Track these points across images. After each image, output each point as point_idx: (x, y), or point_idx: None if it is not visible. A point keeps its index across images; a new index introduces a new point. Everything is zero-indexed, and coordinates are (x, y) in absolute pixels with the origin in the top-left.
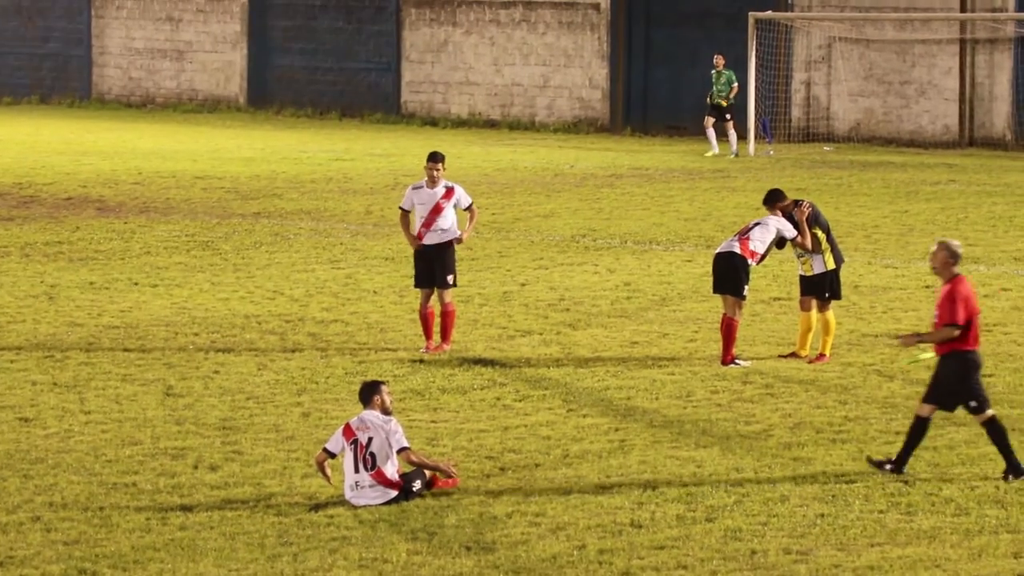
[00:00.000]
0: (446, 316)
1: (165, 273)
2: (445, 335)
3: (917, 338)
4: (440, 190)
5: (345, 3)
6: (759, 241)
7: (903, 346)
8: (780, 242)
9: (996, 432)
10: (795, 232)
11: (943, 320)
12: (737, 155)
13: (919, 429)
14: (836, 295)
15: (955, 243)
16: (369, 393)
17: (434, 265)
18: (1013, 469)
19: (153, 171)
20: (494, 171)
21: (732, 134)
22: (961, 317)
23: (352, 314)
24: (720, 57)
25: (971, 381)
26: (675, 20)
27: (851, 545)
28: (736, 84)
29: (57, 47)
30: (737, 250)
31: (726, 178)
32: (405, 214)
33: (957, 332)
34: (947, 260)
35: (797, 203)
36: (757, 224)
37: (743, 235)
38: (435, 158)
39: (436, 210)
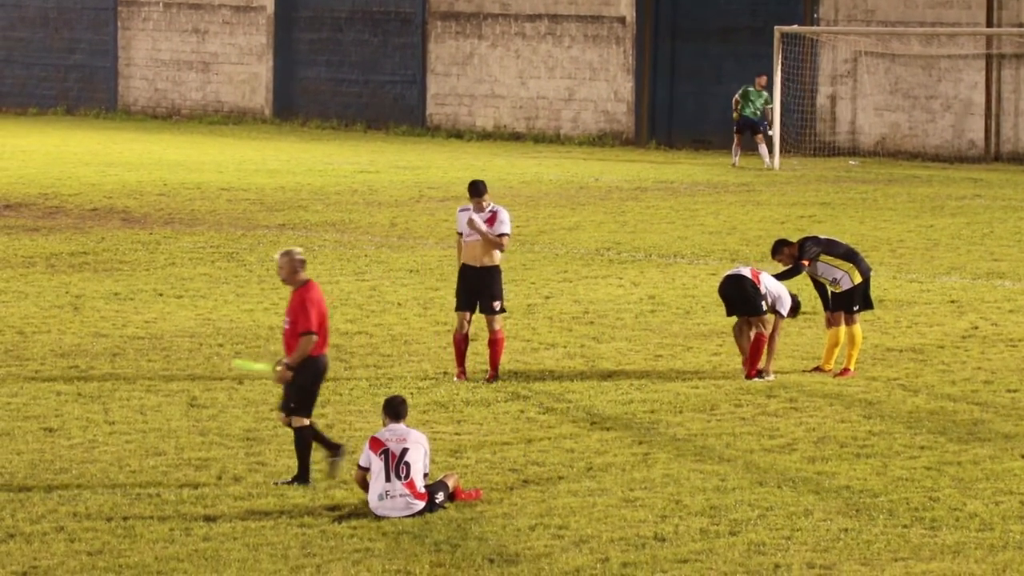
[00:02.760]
0: (495, 344)
1: (190, 284)
2: (494, 364)
3: (288, 368)
4: (486, 214)
5: (371, 16)
6: (768, 280)
7: (279, 382)
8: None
9: (302, 441)
10: (786, 312)
11: (298, 328)
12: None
13: (303, 439)
14: (867, 306)
15: (298, 250)
16: (403, 407)
17: (480, 290)
18: (301, 477)
19: (178, 182)
20: (519, 184)
21: (763, 147)
22: (315, 323)
23: (376, 326)
24: (763, 77)
25: (316, 386)
26: (701, 34)
27: (875, 560)
28: (770, 106)
29: (83, 58)
30: (747, 274)
31: (751, 192)
32: (461, 237)
33: (316, 338)
34: (294, 267)
35: (802, 246)
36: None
37: (759, 271)
38: (476, 192)
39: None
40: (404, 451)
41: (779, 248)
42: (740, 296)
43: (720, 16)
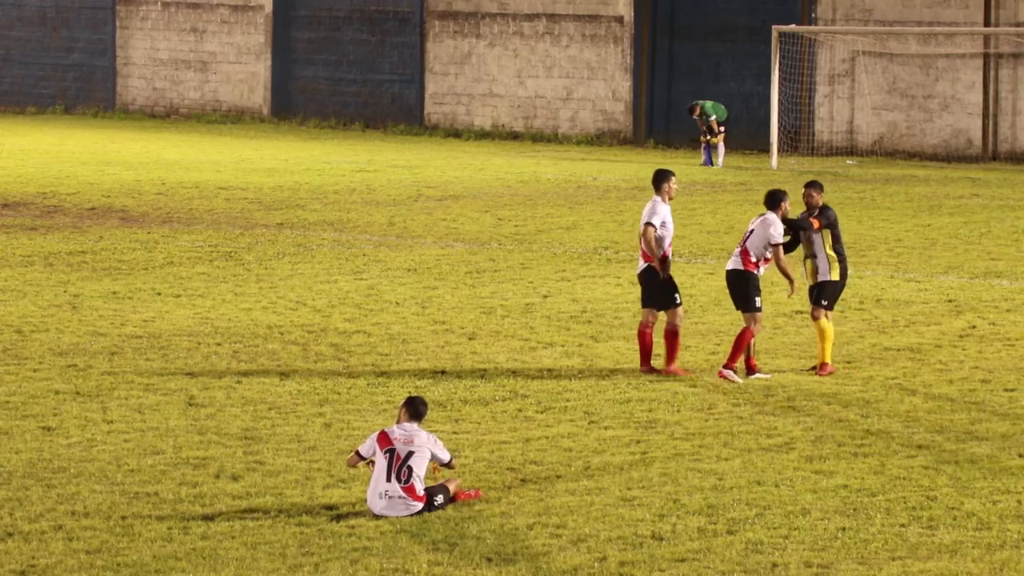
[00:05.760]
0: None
1: (188, 283)
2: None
3: None
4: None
5: (369, 15)
6: (755, 249)
7: None
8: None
9: None
10: (779, 240)
11: None
12: (705, 165)
13: None
14: (831, 307)
15: None
16: (424, 408)
17: (667, 285)
18: None
19: (176, 181)
20: (517, 183)
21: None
22: None
23: (374, 325)
24: (695, 106)
25: None
26: (698, 33)
27: (872, 559)
28: (713, 117)
29: (82, 57)
30: (741, 266)
31: (749, 191)
32: (655, 230)
33: None
34: None
35: (825, 208)
36: (753, 231)
37: (744, 245)
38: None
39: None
40: (409, 454)
41: (776, 197)
42: (735, 289)
43: (718, 15)
